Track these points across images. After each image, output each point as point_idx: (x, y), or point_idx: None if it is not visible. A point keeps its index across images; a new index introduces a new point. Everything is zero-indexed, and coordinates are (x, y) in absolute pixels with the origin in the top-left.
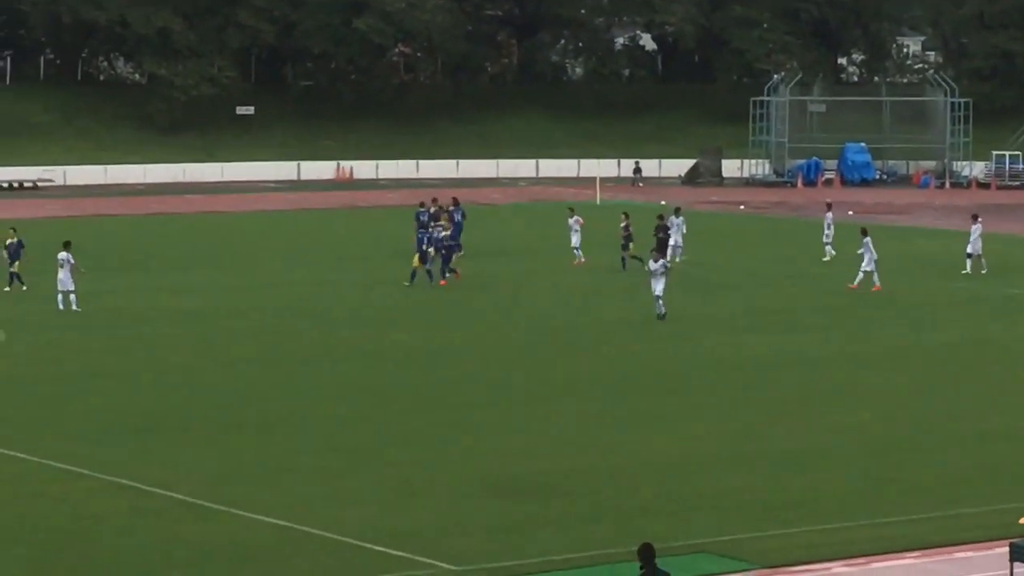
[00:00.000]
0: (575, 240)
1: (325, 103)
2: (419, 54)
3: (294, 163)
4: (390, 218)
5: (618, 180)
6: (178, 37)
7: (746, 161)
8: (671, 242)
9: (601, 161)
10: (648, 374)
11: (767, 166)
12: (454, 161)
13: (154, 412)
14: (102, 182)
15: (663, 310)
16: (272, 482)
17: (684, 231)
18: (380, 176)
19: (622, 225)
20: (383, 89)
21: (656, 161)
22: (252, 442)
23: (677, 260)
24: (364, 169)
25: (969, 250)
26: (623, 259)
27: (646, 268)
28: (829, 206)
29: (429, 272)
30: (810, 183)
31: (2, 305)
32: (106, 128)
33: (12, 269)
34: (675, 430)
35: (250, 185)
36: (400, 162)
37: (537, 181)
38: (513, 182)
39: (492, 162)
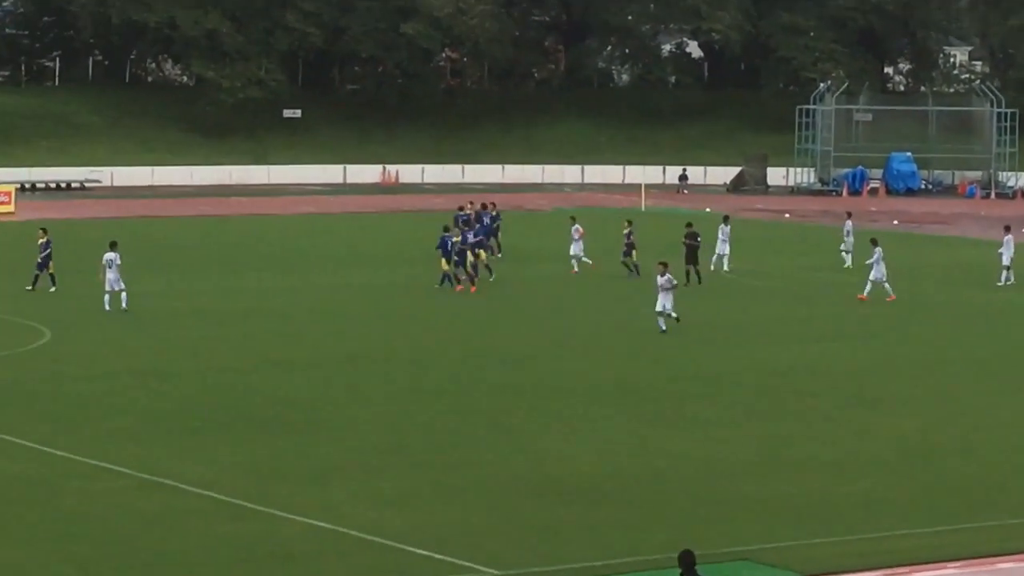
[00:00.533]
0: (574, 248)
1: (372, 107)
2: (466, 59)
3: (340, 166)
4: (434, 222)
5: (663, 187)
6: (226, 39)
7: (791, 169)
8: (718, 251)
9: (646, 168)
10: (690, 379)
11: (812, 174)
12: (500, 166)
13: (197, 412)
14: (149, 183)
15: (664, 327)
16: (313, 483)
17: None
18: (426, 180)
19: (625, 232)
20: (430, 94)
21: (701, 168)
22: (294, 443)
23: (725, 269)
24: (410, 173)
25: (1005, 261)
26: (625, 264)
27: (629, 278)
28: (849, 215)
29: (452, 276)
30: (855, 192)
31: (47, 303)
32: (153, 130)
33: (50, 271)
34: (717, 435)
35: (296, 188)
36: (446, 166)
37: (582, 187)
38: (558, 188)
39: (538, 167)
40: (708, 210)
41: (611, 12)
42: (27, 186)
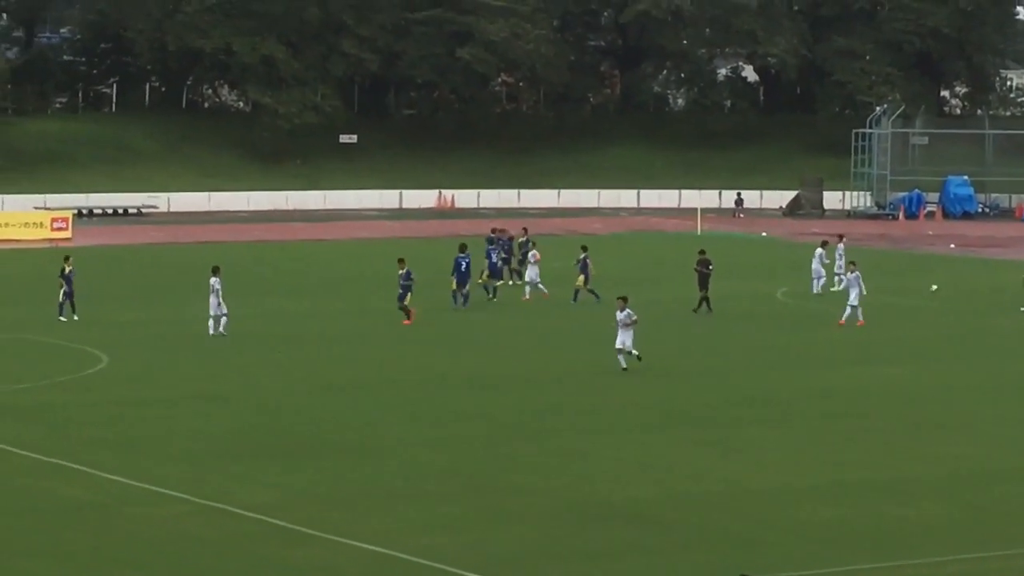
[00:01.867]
0: (530, 274)
1: (427, 132)
2: (522, 84)
3: (396, 191)
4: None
5: (719, 211)
6: (282, 65)
7: (848, 193)
8: (814, 274)
9: (702, 192)
10: (745, 403)
11: (869, 198)
12: (555, 191)
13: (253, 437)
14: (206, 209)
15: (624, 364)
16: (368, 508)
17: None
18: (481, 205)
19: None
20: (485, 118)
21: (757, 192)
22: (349, 467)
23: (815, 292)
24: (466, 198)
25: None
26: (592, 291)
27: (573, 300)
28: (841, 237)
29: (489, 288)
30: (912, 216)
31: (103, 330)
32: (210, 155)
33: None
34: (772, 459)
35: (352, 213)
36: (501, 191)
37: (638, 211)
38: (614, 212)
39: (593, 192)
40: (764, 234)
41: (667, 37)
42: (84, 212)
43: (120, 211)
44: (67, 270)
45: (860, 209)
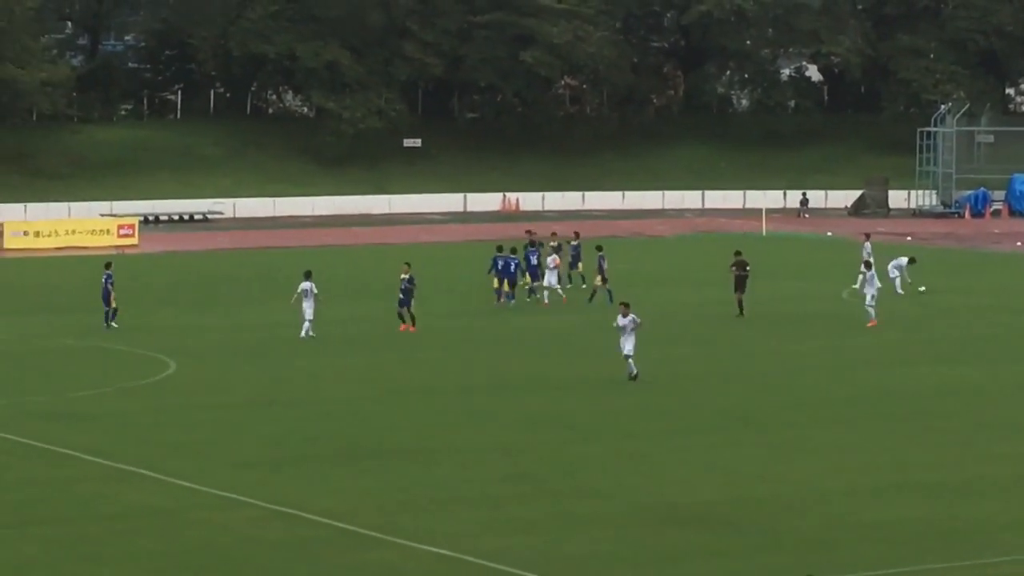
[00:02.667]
0: (550, 279)
1: (491, 135)
2: (585, 86)
3: (460, 195)
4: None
5: (784, 211)
6: (346, 70)
7: (913, 192)
8: (891, 275)
9: (767, 192)
10: (814, 404)
11: (934, 197)
12: (620, 193)
13: (320, 441)
14: (271, 214)
15: (635, 370)
16: (437, 511)
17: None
18: (546, 208)
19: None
20: (549, 121)
21: (822, 192)
22: (417, 471)
23: (899, 291)
24: (530, 200)
25: None
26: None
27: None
28: (867, 236)
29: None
30: (978, 214)
31: (170, 336)
32: (275, 161)
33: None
34: (843, 459)
35: (417, 217)
36: (566, 193)
37: (703, 212)
38: (679, 213)
39: (658, 193)
40: (829, 234)
41: (729, 37)
42: (150, 219)
43: (186, 217)
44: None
45: (925, 208)
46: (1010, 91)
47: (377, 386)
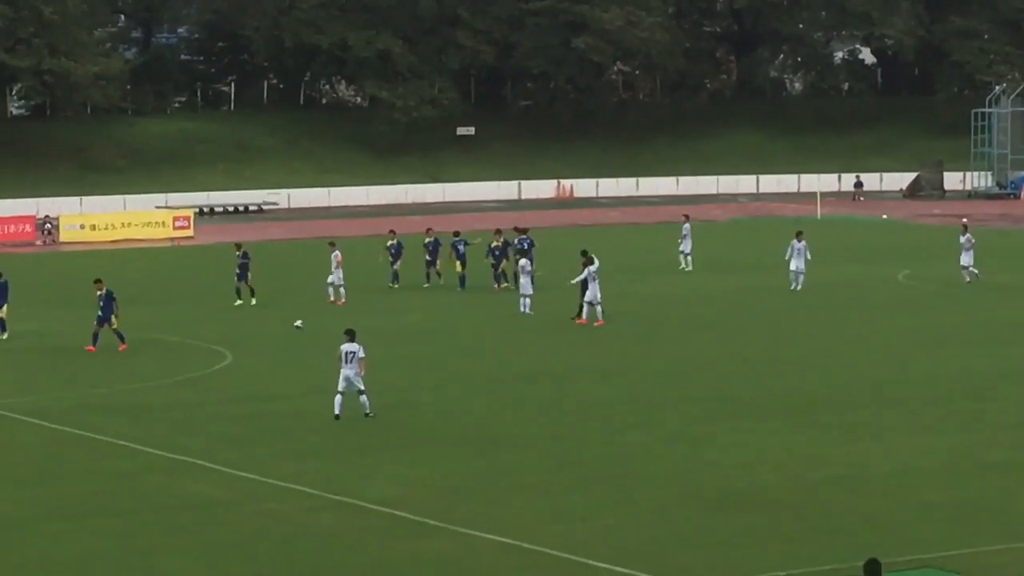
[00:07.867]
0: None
1: (544, 122)
2: (638, 72)
3: (515, 182)
4: (610, 236)
5: (839, 195)
6: (399, 59)
7: (968, 174)
8: (962, 261)
9: (821, 176)
10: (868, 388)
11: (989, 178)
12: (674, 178)
13: (378, 430)
14: (325, 204)
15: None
16: (496, 499)
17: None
18: (600, 194)
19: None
20: (602, 107)
21: (877, 175)
22: (474, 459)
23: (967, 280)
24: (584, 187)
25: None
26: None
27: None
28: (965, 227)
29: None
30: None
31: (227, 327)
32: (329, 151)
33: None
34: (898, 442)
35: (471, 205)
36: (620, 180)
37: (757, 197)
38: (733, 198)
39: (712, 178)
40: (885, 217)
41: (782, 21)
42: (205, 210)
43: (240, 208)
44: (99, 294)
45: (981, 189)
46: None
47: (434, 374)
